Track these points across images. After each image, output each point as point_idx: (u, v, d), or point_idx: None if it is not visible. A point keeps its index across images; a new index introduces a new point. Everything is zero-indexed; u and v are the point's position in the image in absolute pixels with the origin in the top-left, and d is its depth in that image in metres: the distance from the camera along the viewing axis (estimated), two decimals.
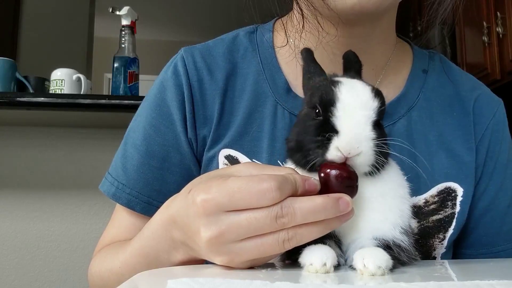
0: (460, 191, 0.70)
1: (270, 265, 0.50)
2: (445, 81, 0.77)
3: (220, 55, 0.74)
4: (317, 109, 0.49)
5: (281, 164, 0.67)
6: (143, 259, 0.58)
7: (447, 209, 0.70)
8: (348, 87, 0.49)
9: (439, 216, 0.69)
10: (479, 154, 0.73)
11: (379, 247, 0.47)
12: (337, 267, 0.47)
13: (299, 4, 0.67)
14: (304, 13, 0.67)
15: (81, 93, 1.78)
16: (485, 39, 2.54)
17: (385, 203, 0.50)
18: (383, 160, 0.49)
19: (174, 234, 0.52)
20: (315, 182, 0.47)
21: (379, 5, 0.61)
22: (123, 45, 1.81)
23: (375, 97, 0.49)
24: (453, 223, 0.70)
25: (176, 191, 0.54)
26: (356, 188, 0.47)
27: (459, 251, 0.77)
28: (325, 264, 0.45)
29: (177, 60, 0.73)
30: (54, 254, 1.88)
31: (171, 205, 0.53)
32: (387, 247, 0.48)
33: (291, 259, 0.50)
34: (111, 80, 1.82)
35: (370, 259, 0.44)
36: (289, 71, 0.73)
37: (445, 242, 0.70)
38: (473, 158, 0.72)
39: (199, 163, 0.72)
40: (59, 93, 1.75)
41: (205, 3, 5.29)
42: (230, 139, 0.70)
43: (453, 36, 2.89)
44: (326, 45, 0.69)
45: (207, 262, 0.51)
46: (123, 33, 1.82)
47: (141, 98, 0.86)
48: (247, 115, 0.70)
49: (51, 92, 1.79)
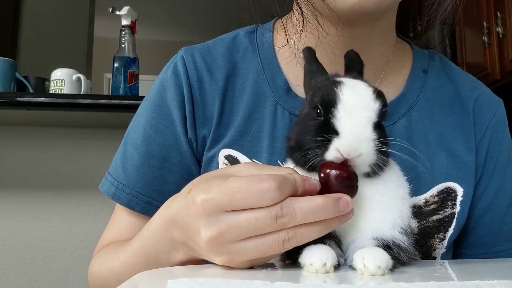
0: (460, 191, 0.70)
1: (270, 265, 0.50)
2: (445, 81, 0.77)
3: (220, 55, 0.74)
4: (318, 109, 0.49)
5: (281, 164, 0.67)
6: (143, 259, 0.58)
7: (447, 209, 0.70)
8: (350, 88, 0.49)
9: (439, 216, 0.69)
10: (479, 154, 0.73)
11: (379, 247, 0.47)
12: (337, 267, 0.47)
13: (299, 4, 0.67)
14: (304, 13, 0.67)
15: (81, 93, 1.78)
16: (485, 39, 2.54)
17: (384, 203, 0.50)
18: (383, 161, 0.49)
19: (174, 234, 0.52)
20: (315, 182, 0.47)
21: (379, 5, 0.61)
22: (123, 45, 1.81)
23: (376, 99, 0.49)
24: (453, 223, 0.70)
25: (176, 191, 0.54)
26: (356, 188, 0.47)
27: (459, 251, 0.77)
28: (325, 264, 0.45)
29: (177, 60, 0.73)
30: (54, 254, 1.88)
31: (171, 205, 0.53)
32: (387, 247, 0.48)
33: (291, 259, 0.49)
34: (111, 80, 1.82)
35: (370, 259, 0.44)
36: (289, 71, 0.73)
37: (445, 242, 0.70)
38: (473, 158, 0.72)
39: (199, 163, 0.72)
40: (59, 93, 1.75)
41: (205, 3, 5.29)
42: (230, 139, 0.70)
43: (453, 36, 2.89)
44: (326, 45, 0.69)
45: (207, 262, 0.51)
46: (123, 33, 1.82)
47: (141, 98, 0.86)
48: (247, 115, 0.70)
49: (51, 92, 1.79)
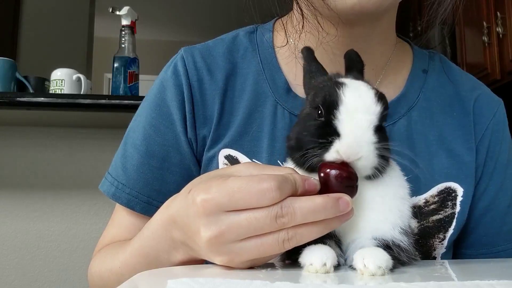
0: (460, 191, 0.70)
1: (270, 265, 0.50)
2: (445, 81, 0.77)
3: (220, 55, 0.74)
4: (320, 110, 0.49)
5: (281, 164, 0.67)
6: (143, 259, 0.58)
7: (447, 209, 0.70)
8: (352, 90, 0.49)
9: (439, 216, 0.69)
10: (479, 154, 0.73)
11: (379, 247, 0.47)
12: (337, 267, 0.47)
13: (299, 4, 0.67)
14: (304, 13, 0.67)
15: (81, 93, 1.78)
16: (485, 39, 2.54)
17: (384, 204, 0.50)
18: (383, 164, 0.49)
19: (174, 234, 0.52)
20: (315, 182, 0.47)
21: (379, 5, 0.61)
22: (123, 45, 1.81)
23: (378, 101, 0.49)
24: (453, 223, 0.70)
25: (176, 191, 0.54)
26: (356, 188, 0.47)
27: (459, 251, 0.77)
28: (325, 264, 0.45)
29: (177, 60, 0.73)
30: (54, 254, 1.87)
31: (171, 205, 0.53)
32: (387, 247, 0.48)
33: (291, 259, 0.49)
34: (111, 80, 1.82)
35: (370, 259, 0.44)
36: (289, 71, 0.73)
37: (445, 242, 0.70)
38: (473, 158, 0.72)
39: (199, 163, 0.72)
40: (59, 93, 1.75)
41: (205, 3, 5.29)
42: (230, 139, 0.70)
43: (453, 36, 2.89)
44: (326, 45, 0.69)
45: (207, 262, 0.51)
46: (123, 33, 1.82)
47: (141, 98, 0.86)
48: (247, 115, 0.70)
49: (51, 92, 1.79)
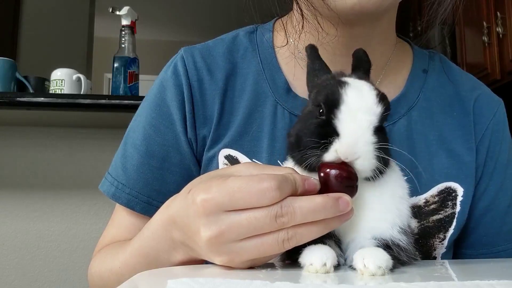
0: (460, 191, 0.70)
1: (270, 265, 0.50)
2: (445, 81, 0.77)
3: (220, 55, 0.74)
4: (321, 108, 0.49)
5: (281, 164, 0.67)
6: (143, 259, 0.58)
7: (448, 209, 0.70)
8: (354, 90, 0.49)
9: (440, 216, 0.69)
10: (479, 154, 0.73)
11: (379, 246, 0.47)
12: (337, 267, 0.47)
13: (299, 4, 0.67)
14: (304, 13, 0.67)
15: (81, 93, 1.78)
16: (485, 39, 2.54)
17: (383, 203, 0.50)
18: (383, 164, 0.49)
19: (174, 234, 0.52)
20: (314, 181, 0.47)
21: (379, 5, 0.61)
22: (123, 45, 1.81)
23: (379, 102, 0.49)
24: (454, 223, 0.70)
25: (176, 191, 0.54)
26: (356, 188, 0.47)
27: (459, 251, 0.77)
28: (325, 264, 0.45)
29: (177, 60, 0.73)
30: (54, 254, 1.87)
31: (171, 205, 0.53)
32: (386, 246, 0.48)
33: (291, 259, 0.49)
34: (111, 80, 1.82)
35: (370, 259, 0.44)
36: (289, 71, 0.73)
37: (446, 242, 0.70)
38: (473, 158, 0.72)
39: (199, 163, 0.72)
40: (59, 93, 1.75)
41: (205, 3, 5.29)
42: (230, 139, 0.69)
43: (453, 36, 2.89)
44: (326, 45, 0.69)
45: (207, 262, 0.51)
46: (123, 33, 1.82)
47: (141, 98, 0.86)
48: (247, 115, 0.70)
49: (51, 92, 1.79)
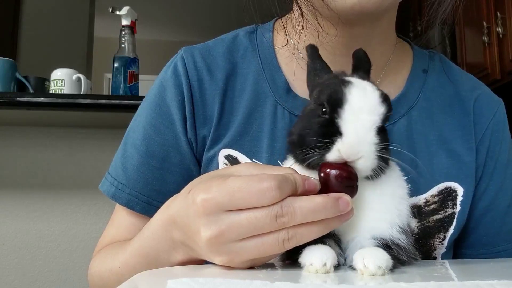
0: (460, 191, 0.70)
1: (270, 265, 0.50)
2: (445, 81, 0.77)
3: (220, 55, 0.74)
4: (324, 107, 0.49)
5: (281, 164, 0.67)
6: (143, 259, 0.58)
7: (448, 209, 0.70)
8: (358, 90, 0.49)
9: (440, 216, 0.69)
10: (480, 154, 0.73)
11: (378, 246, 0.47)
12: (337, 267, 0.47)
13: (299, 4, 0.67)
14: (304, 14, 0.67)
15: (81, 93, 1.78)
16: (485, 39, 2.54)
17: (382, 203, 0.50)
18: (383, 166, 0.49)
19: (174, 234, 0.52)
20: (315, 181, 0.47)
21: (379, 5, 0.61)
22: (123, 45, 1.81)
23: (383, 103, 0.49)
24: (454, 223, 0.70)
25: (176, 191, 0.54)
26: (356, 188, 0.47)
27: (459, 251, 0.77)
28: (325, 264, 0.45)
29: (177, 60, 0.73)
30: (54, 254, 1.87)
31: (171, 205, 0.53)
32: (386, 246, 0.48)
33: (291, 259, 0.49)
34: (111, 80, 1.82)
35: (370, 259, 0.44)
36: (289, 71, 0.73)
37: (446, 242, 0.70)
38: (473, 158, 0.72)
39: (199, 163, 0.72)
40: (59, 93, 1.75)
41: (205, 3, 5.29)
42: (230, 139, 0.69)
43: (453, 36, 2.89)
44: (326, 45, 0.69)
45: (207, 262, 0.51)
46: (123, 33, 1.82)
47: (141, 98, 0.86)
48: (247, 115, 0.70)
49: (51, 92, 1.79)
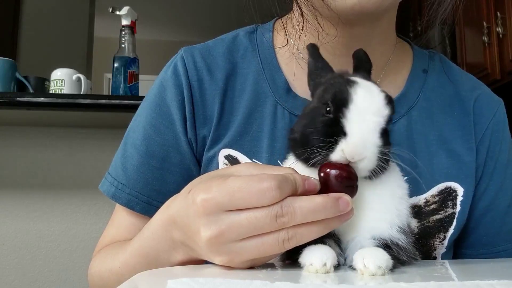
0: (460, 191, 0.70)
1: (270, 265, 0.50)
2: (445, 81, 0.77)
3: (220, 55, 0.74)
4: (328, 106, 0.49)
5: (281, 164, 0.67)
6: (143, 259, 0.58)
7: (448, 209, 0.70)
8: (363, 90, 0.48)
9: (440, 216, 0.69)
10: (480, 154, 0.73)
11: (378, 246, 0.47)
12: (337, 267, 0.47)
13: (299, 4, 0.67)
14: (304, 14, 0.67)
15: (81, 93, 1.78)
16: (485, 39, 2.54)
17: (382, 203, 0.50)
18: (384, 166, 0.49)
19: (174, 234, 0.52)
20: (315, 181, 0.47)
21: (379, 5, 0.61)
22: (123, 45, 1.81)
23: (387, 105, 0.49)
24: (454, 223, 0.70)
25: (176, 191, 0.54)
26: (356, 188, 0.47)
27: (459, 251, 0.77)
28: (325, 264, 0.45)
29: (177, 60, 0.73)
30: (54, 254, 1.87)
31: (171, 205, 0.53)
32: (386, 246, 0.48)
33: (291, 259, 0.49)
34: (111, 80, 1.82)
35: (370, 259, 0.44)
36: (289, 71, 0.73)
37: (446, 242, 0.70)
38: (473, 158, 0.72)
39: (199, 163, 0.72)
40: (59, 93, 1.75)
41: (205, 3, 5.29)
42: (230, 139, 0.69)
43: (453, 36, 2.89)
44: (326, 45, 0.69)
45: (207, 262, 0.51)
46: (123, 33, 1.82)
47: (141, 98, 0.86)
48: (247, 115, 0.70)
49: (51, 92, 1.79)
